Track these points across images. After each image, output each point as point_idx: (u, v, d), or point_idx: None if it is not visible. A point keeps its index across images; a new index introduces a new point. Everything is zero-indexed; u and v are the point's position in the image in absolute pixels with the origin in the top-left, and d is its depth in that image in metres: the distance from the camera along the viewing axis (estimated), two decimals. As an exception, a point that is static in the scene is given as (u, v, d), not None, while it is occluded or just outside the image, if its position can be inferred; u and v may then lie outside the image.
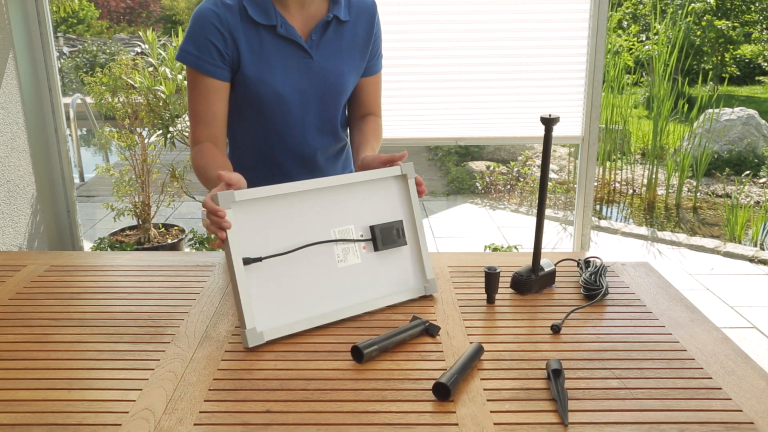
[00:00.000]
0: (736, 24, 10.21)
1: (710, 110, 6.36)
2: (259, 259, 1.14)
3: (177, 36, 3.70)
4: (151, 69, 3.64)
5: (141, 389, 0.98)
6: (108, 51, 12.79)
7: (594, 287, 1.30)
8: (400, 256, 1.30)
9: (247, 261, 1.13)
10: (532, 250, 1.33)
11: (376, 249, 1.27)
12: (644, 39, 9.44)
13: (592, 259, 1.41)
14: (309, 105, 1.42)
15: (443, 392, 0.95)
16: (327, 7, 1.39)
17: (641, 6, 11.28)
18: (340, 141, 1.56)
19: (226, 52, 1.33)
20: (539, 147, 6.63)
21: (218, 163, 1.31)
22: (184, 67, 3.54)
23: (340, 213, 1.25)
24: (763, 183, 5.89)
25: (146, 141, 3.59)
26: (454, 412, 0.92)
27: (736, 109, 6.50)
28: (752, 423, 0.90)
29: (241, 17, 1.32)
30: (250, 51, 1.34)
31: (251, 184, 1.27)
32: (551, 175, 6.19)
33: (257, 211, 1.17)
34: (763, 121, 6.49)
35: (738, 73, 11.39)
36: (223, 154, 1.37)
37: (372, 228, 1.27)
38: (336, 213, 1.25)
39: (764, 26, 11.37)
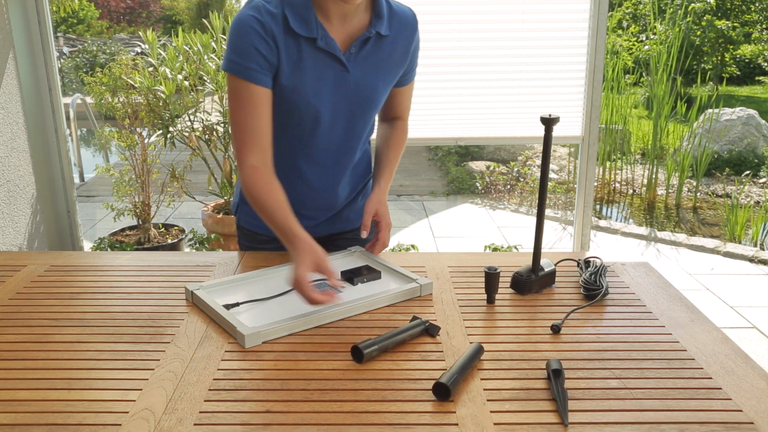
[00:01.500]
0: (736, 24, 10.20)
1: (710, 110, 6.36)
2: (237, 304, 1.22)
3: (177, 36, 3.70)
4: (151, 69, 3.64)
5: (141, 389, 0.98)
6: (108, 51, 12.80)
7: (594, 287, 1.30)
8: (379, 283, 1.34)
9: (227, 306, 1.22)
10: (532, 250, 1.33)
11: (353, 284, 1.33)
12: (644, 39, 9.44)
13: (592, 259, 1.41)
14: (338, 117, 1.41)
15: (443, 392, 0.95)
16: (369, 20, 1.36)
17: (641, 6, 11.28)
18: (364, 154, 1.56)
19: (271, 59, 1.30)
20: (539, 147, 6.63)
21: (279, 201, 1.30)
22: (185, 68, 3.55)
23: None
24: (763, 183, 5.89)
25: (146, 141, 3.59)
26: (454, 412, 0.92)
27: (736, 109, 6.50)
28: (752, 423, 0.90)
29: (284, 27, 1.30)
30: (288, 60, 1.31)
31: None
32: (551, 175, 6.18)
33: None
34: (763, 121, 6.49)
35: (738, 73, 11.39)
36: (278, 182, 1.35)
37: (341, 272, 1.36)
38: None
39: (764, 26, 11.37)
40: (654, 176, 5.62)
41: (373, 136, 1.58)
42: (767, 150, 6.30)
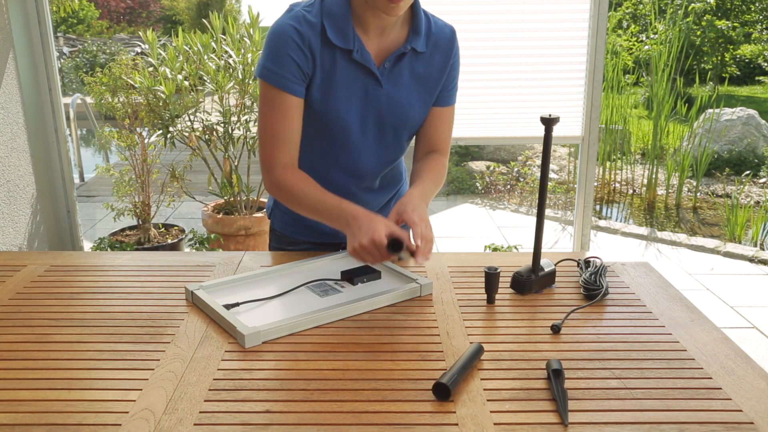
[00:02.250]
0: (736, 24, 10.20)
1: (710, 110, 6.36)
2: (237, 304, 1.22)
3: (177, 36, 3.70)
4: (151, 69, 3.64)
5: (141, 389, 0.98)
6: (108, 51, 12.81)
7: (594, 287, 1.30)
8: (379, 283, 1.34)
9: (227, 306, 1.21)
10: (532, 250, 1.33)
11: (353, 284, 1.32)
12: (644, 39, 9.44)
13: (592, 259, 1.41)
14: (368, 131, 1.39)
15: (443, 392, 0.95)
16: (406, 35, 1.35)
17: (641, 6, 11.28)
18: (397, 168, 1.54)
19: (306, 70, 1.29)
20: (539, 147, 6.63)
21: (320, 188, 1.30)
22: (185, 68, 3.55)
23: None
24: (763, 183, 5.89)
25: (146, 141, 3.59)
26: (454, 412, 0.92)
27: (736, 109, 6.50)
28: (752, 423, 0.90)
29: (321, 37, 1.29)
30: (322, 71, 1.31)
31: None
32: (551, 175, 6.18)
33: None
34: (763, 121, 6.49)
35: (738, 73, 11.39)
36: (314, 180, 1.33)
37: (341, 272, 1.35)
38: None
39: (764, 26, 11.37)
40: (654, 176, 5.62)
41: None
42: (767, 150, 6.30)
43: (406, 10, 1.32)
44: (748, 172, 6.05)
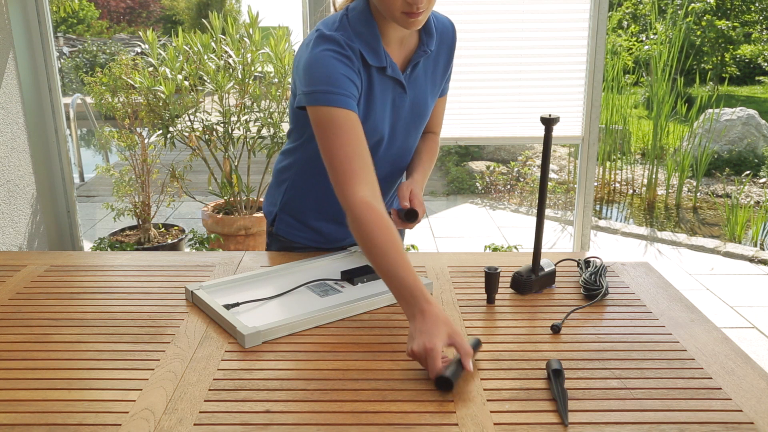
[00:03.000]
0: (736, 24, 10.20)
1: (710, 110, 6.36)
2: (237, 304, 1.22)
3: (177, 36, 3.70)
4: (151, 69, 3.64)
5: (141, 389, 0.98)
6: (108, 51, 12.80)
7: (594, 287, 1.30)
8: (379, 283, 1.34)
9: (227, 306, 1.21)
10: (532, 250, 1.33)
11: (353, 284, 1.32)
12: (644, 39, 9.44)
13: (592, 259, 1.41)
14: (397, 136, 1.41)
15: (445, 385, 0.95)
16: (418, 38, 1.37)
17: (641, 6, 11.28)
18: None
19: (359, 87, 1.26)
20: (539, 147, 6.63)
21: (399, 249, 1.10)
22: (185, 68, 3.55)
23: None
24: (763, 183, 5.89)
25: (146, 141, 3.59)
26: (454, 412, 0.92)
27: (736, 109, 6.50)
28: (752, 423, 0.90)
29: (361, 60, 1.28)
30: (362, 90, 1.31)
31: (324, 204, 1.46)
32: (551, 175, 6.18)
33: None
34: (763, 121, 6.49)
35: (738, 73, 11.39)
36: (389, 219, 1.16)
37: (341, 272, 1.35)
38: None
39: (764, 26, 11.37)
40: (654, 176, 5.62)
41: None
42: (767, 150, 6.30)
43: None
44: (748, 172, 6.05)
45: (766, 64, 11.93)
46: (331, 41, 1.24)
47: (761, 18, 11.16)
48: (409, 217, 1.34)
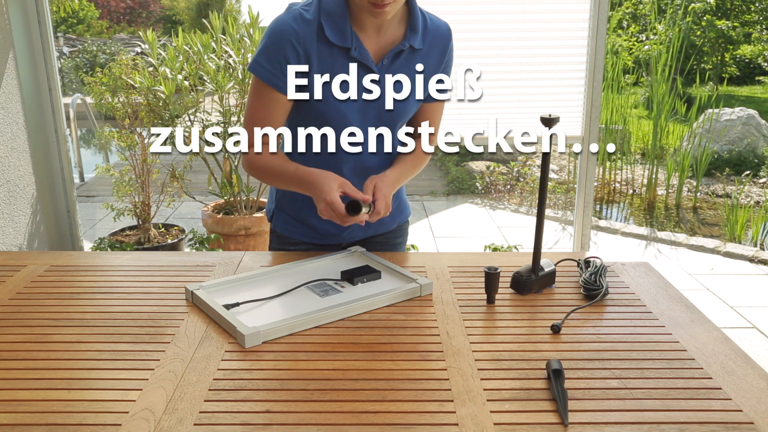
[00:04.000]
0: (736, 24, 10.20)
1: (710, 110, 6.36)
2: (237, 304, 1.22)
3: (177, 36, 3.70)
4: (151, 69, 3.64)
5: (141, 389, 0.98)
6: (108, 51, 12.80)
7: (594, 287, 1.30)
8: (379, 283, 1.34)
9: (227, 306, 1.21)
10: (532, 250, 1.33)
11: (353, 284, 1.32)
12: (644, 39, 9.44)
13: (592, 259, 1.41)
14: (368, 126, 1.41)
15: (355, 207, 1.19)
16: (403, 33, 1.39)
17: (641, 6, 11.28)
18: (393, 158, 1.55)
19: (299, 68, 1.32)
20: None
21: (285, 158, 1.38)
22: (185, 68, 3.55)
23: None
24: (763, 183, 5.89)
25: (146, 141, 3.59)
26: (454, 412, 0.92)
27: (736, 109, 6.50)
28: (752, 423, 0.90)
29: (317, 35, 1.33)
30: (320, 69, 1.34)
31: None
32: (551, 175, 6.18)
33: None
34: (763, 121, 6.49)
35: (738, 73, 11.39)
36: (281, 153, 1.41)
37: (341, 272, 1.36)
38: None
39: (764, 26, 11.37)
40: (654, 176, 5.62)
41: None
42: (767, 150, 6.30)
43: (402, 9, 1.38)
44: (748, 172, 6.05)
45: (766, 64, 11.93)
46: (290, 14, 1.34)
47: (761, 18, 11.16)
48: (350, 209, 1.28)
